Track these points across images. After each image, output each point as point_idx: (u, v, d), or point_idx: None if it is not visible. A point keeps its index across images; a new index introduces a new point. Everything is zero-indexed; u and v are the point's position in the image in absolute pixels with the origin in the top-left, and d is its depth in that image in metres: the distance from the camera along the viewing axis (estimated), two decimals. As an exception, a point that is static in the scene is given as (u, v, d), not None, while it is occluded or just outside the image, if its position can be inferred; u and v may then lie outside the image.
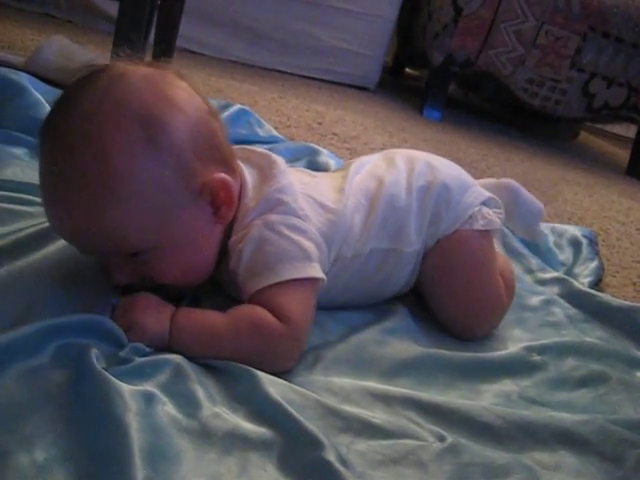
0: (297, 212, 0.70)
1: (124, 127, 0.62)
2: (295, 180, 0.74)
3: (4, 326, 0.57)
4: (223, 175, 0.67)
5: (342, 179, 0.80)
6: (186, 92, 0.67)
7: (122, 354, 0.58)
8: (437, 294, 0.82)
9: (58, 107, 0.65)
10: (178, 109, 0.65)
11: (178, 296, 0.69)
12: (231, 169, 0.70)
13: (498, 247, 0.93)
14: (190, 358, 0.62)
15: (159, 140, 0.63)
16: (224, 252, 0.70)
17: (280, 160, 0.76)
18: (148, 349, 0.61)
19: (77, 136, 0.61)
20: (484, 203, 0.84)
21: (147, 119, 0.62)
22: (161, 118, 0.63)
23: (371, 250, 0.77)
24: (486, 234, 0.83)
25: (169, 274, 0.66)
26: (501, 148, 2.30)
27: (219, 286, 0.74)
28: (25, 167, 0.93)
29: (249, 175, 0.73)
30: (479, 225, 0.81)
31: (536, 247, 1.15)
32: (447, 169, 0.86)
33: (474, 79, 2.67)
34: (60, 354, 0.56)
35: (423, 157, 0.86)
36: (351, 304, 0.80)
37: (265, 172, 0.73)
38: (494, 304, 0.84)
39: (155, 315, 0.63)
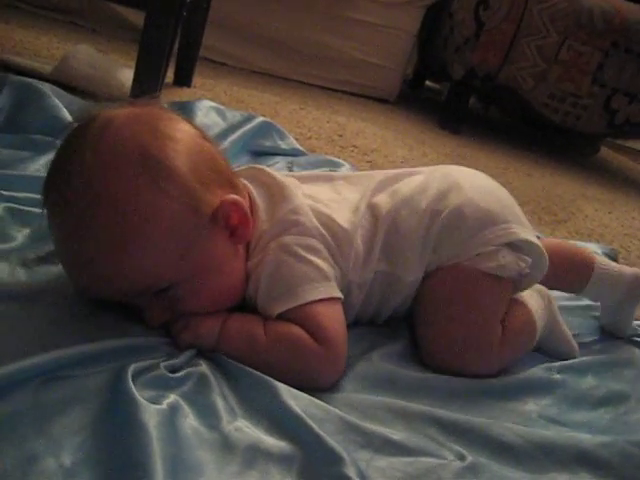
0: (312, 231, 0.70)
1: (126, 173, 0.61)
2: (308, 199, 0.73)
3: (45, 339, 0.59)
4: (232, 196, 0.66)
5: (361, 194, 0.77)
6: (176, 122, 0.67)
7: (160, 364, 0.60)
8: (421, 320, 0.77)
9: (55, 170, 0.64)
10: (173, 141, 0.64)
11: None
12: (236, 188, 0.69)
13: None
14: (215, 368, 0.63)
15: (162, 177, 0.62)
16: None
17: (288, 180, 0.75)
18: (183, 359, 0.62)
19: (82, 195, 0.61)
20: (511, 245, 0.76)
21: (146, 159, 0.62)
22: (159, 155, 0.63)
23: (376, 273, 0.75)
24: (493, 278, 0.75)
25: (202, 303, 0.66)
26: (521, 163, 2.29)
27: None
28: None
29: (258, 195, 0.72)
30: (485, 266, 0.74)
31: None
32: (478, 196, 0.77)
33: (495, 93, 2.66)
34: (96, 368, 0.57)
35: (459, 175, 0.81)
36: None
37: (275, 193, 0.72)
38: (478, 350, 0.75)
39: (208, 317, 0.66)
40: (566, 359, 0.83)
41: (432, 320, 0.76)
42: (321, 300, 0.67)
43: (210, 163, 0.67)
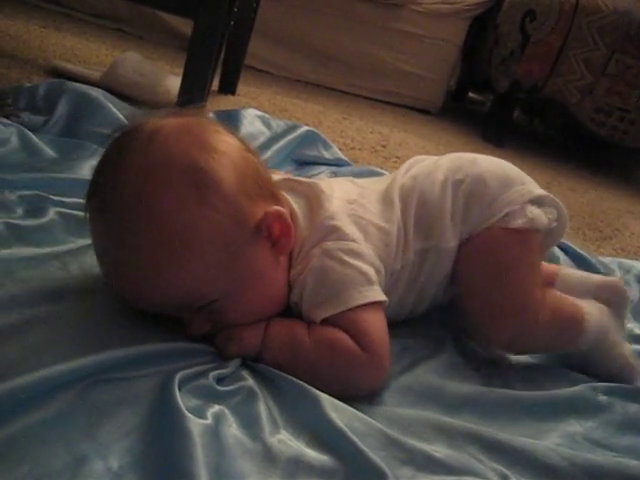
0: (351, 236, 0.70)
1: (174, 183, 0.61)
2: (342, 201, 0.74)
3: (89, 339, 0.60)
4: (276, 208, 0.67)
5: (390, 184, 0.79)
6: (221, 134, 0.67)
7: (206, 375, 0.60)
8: (462, 291, 0.79)
9: (101, 173, 0.64)
10: (220, 153, 0.64)
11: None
12: (277, 199, 0.70)
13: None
14: (260, 378, 0.63)
15: (209, 190, 0.62)
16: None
17: (324, 185, 0.76)
18: (231, 369, 0.63)
19: (128, 200, 0.61)
20: (533, 201, 0.79)
21: (194, 170, 0.62)
22: (206, 167, 0.62)
23: (414, 253, 0.76)
24: (525, 234, 0.77)
25: (242, 315, 0.66)
26: (565, 177, 2.26)
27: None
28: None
29: (296, 205, 0.73)
30: (516, 223, 0.77)
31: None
32: (492, 165, 0.82)
33: (540, 106, 2.64)
34: (145, 372, 0.59)
35: (472, 155, 0.85)
36: (403, 315, 0.80)
37: (312, 201, 0.73)
38: (518, 311, 0.76)
39: (251, 326, 0.66)
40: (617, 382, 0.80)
41: (474, 290, 0.78)
42: (365, 305, 0.67)
43: (254, 176, 0.67)
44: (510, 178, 0.81)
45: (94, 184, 0.64)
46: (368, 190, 0.79)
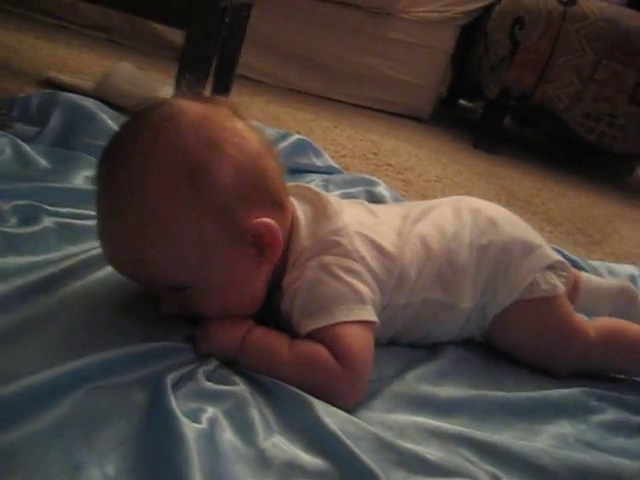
0: (353, 254, 0.70)
1: (168, 174, 0.63)
2: (353, 220, 0.74)
3: (76, 345, 0.60)
4: (267, 220, 0.66)
5: (402, 221, 0.79)
6: (237, 133, 0.67)
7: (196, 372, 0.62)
8: (515, 354, 0.84)
9: (110, 149, 0.67)
10: (225, 154, 0.64)
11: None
12: (281, 208, 0.70)
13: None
14: (252, 383, 0.64)
15: (202, 188, 0.63)
16: (277, 289, 0.71)
17: (334, 199, 0.76)
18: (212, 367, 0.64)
19: (123, 182, 0.64)
20: (549, 266, 0.82)
21: (192, 166, 0.63)
22: (206, 165, 0.63)
23: (423, 300, 0.77)
24: (549, 300, 0.81)
25: (210, 310, 0.68)
26: (556, 183, 2.28)
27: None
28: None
29: (302, 212, 0.73)
30: (541, 292, 0.80)
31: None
32: (511, 228, 0.84)
33: (530, 112, 2.65)
34: (137, 376, 0.59)
35: (488, 211, 0.85)
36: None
37: (319, 211, 0.73)
38: (566, 344, 0.82)
39: (230, 329, 0.67)
40: None
41: (519, 351, 0.83)
42: (353, 322, 0.67)
43: (259, 181, 0.67)
44: (528, 242, 0.83)
45: (105, 151, 0.67)
46: (381, 219, 0.79)
